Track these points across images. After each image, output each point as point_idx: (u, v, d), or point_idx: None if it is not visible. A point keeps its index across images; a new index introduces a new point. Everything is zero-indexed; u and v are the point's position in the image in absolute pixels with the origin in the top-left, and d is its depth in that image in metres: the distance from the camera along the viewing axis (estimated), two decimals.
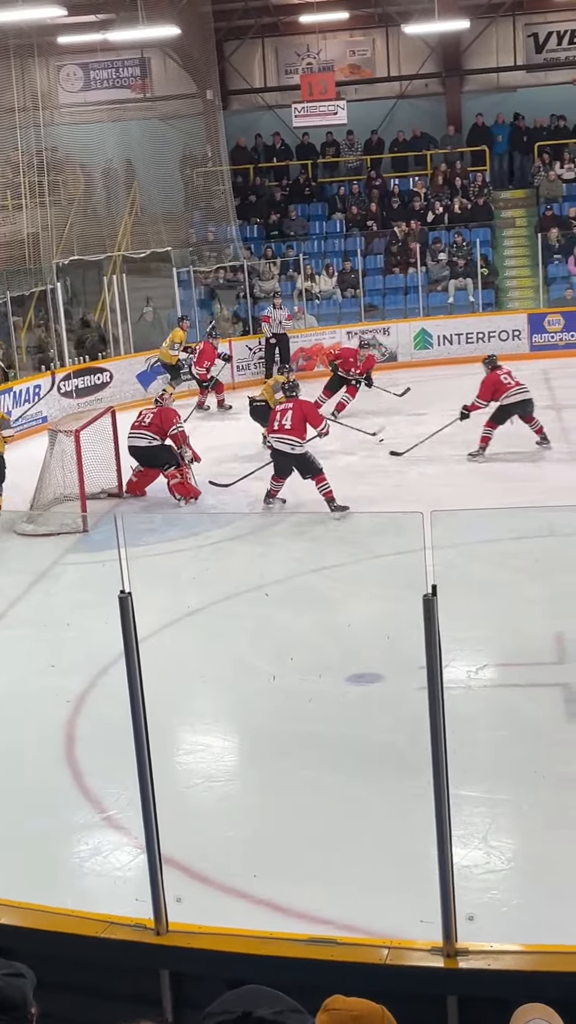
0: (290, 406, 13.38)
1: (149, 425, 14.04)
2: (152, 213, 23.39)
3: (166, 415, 14.14)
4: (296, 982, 4.15)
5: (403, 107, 26.10)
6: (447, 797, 4.18)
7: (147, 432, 14.01)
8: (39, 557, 12.00)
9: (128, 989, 4.40)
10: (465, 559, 10.60)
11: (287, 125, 25.08)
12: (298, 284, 23.47)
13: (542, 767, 7.01)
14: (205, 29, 23.38)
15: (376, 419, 17.01)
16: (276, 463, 13.36)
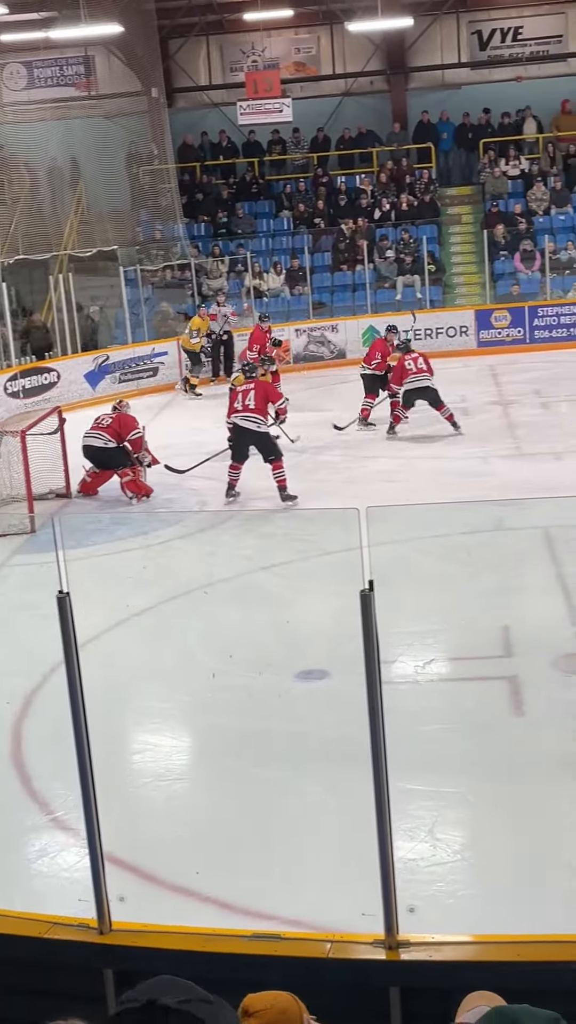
0: (251, 387, 13.55)
1: (107, 428, 14.02)
2: (98, 212, 23.31)
3: (125, 422, 14.12)
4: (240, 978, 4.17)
5: (349, 105, 26.17)
6: (387, 791, 4.20)
7: (104, 433, 13.99)
8: None
9: (72, 988, 4.39)
10: (415, 554, 10.67)
11: (233, 123, 25.07)
12: (246, 282, 23.47)
13: (489, 760, 7.06)
14: (148, 26, 23.30)
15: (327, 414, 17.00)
16: (236, 446, 13.38)
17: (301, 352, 22.47)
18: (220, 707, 8.12)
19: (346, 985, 4.05)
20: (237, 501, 13.40)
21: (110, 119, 23.79)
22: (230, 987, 4.14)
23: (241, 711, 7.92)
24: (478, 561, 10.58)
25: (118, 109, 24.24)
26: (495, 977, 3.78)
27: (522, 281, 23.17)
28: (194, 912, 5.51)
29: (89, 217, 23.22)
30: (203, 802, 7.09)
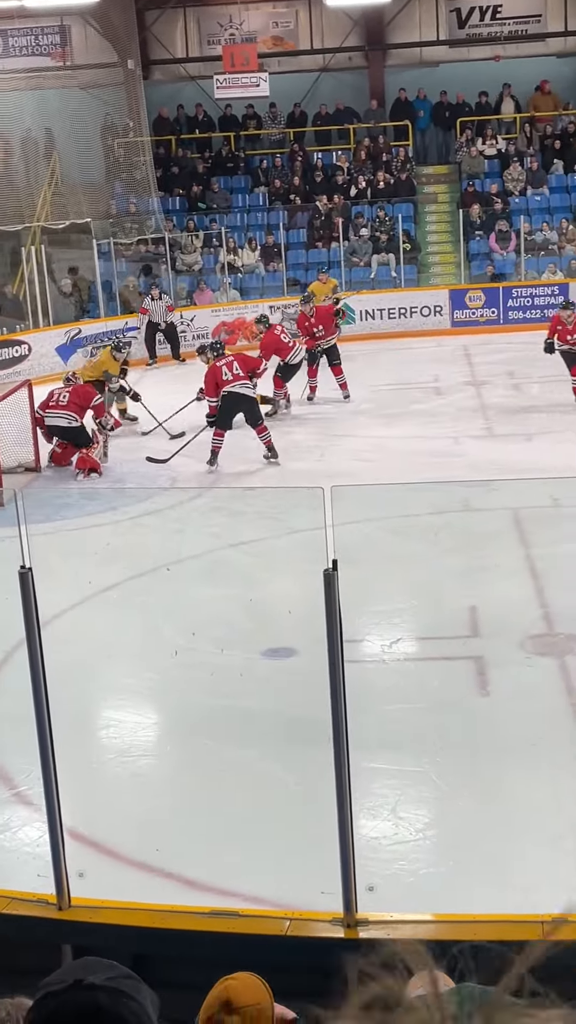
0: (231, 358, 14.08)
1: (68, 404, 13.95)
2: (72, 184, 23.12)
3: (84, 392, 14.09)
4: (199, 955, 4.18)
5: (326, 80, 26.03)
6: (347, 769, 4.21)
7: (67, 412, 13.92)
8: None
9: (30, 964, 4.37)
10: (383, 533, 10.68)
11: (209, 96, 24.91)
12: (220, 258, 23.36)
13: (453, 739, 7.09)
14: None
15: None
16: (226, 415, 13.74)
17: None
18: (185, 685, 8.12)
19: (303, 963, 4.06)
20: (214, 472, 13.47)
21: (85, 90, 23.57)
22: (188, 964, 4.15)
23: (206, 689, 7.92)
24: (445, 541, 10.59)
25: (93, 80, 24.01)
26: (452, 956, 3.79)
27: (497, 262, 23.16)
28: (155, 889, 5.51)
29: (63, 189, 23.03)
30: (167, 779, 7.09)
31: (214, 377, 13.81)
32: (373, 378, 18.15)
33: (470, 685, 7.91)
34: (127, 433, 15.50)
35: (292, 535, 10.76)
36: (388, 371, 18.92)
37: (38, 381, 15.90)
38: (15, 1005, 2.13)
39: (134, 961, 4.08)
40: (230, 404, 13.77)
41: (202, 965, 4.06)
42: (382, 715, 7.11)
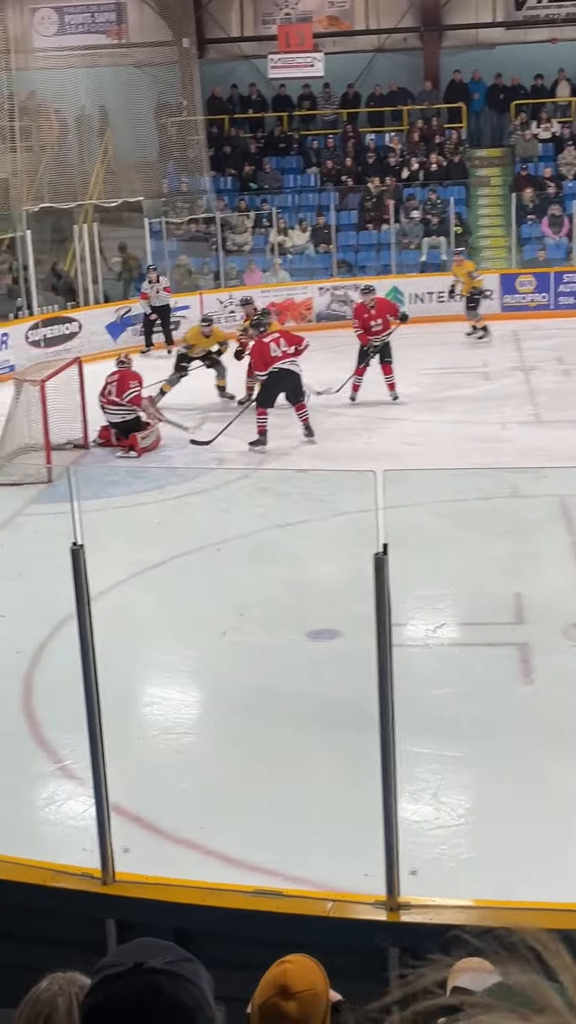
0: (277, 334, 14.16)
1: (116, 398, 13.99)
2: (125, 162, 23.16)
3: (124, 381, 14.11)
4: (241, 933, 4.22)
5: (381, 61, 25.86)
6: (393, 753, 4.22)
7: (116, 407, 13.99)
8: (1, 507, 11.96)
9: (74, 937, 4.44)
10: (430, 518, 10.66)
11: (263, 76, 24.84)
12: (271, 238, 23.32)
13: (496, 726, 7.08)
14: None
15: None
16: (272, 392, 13.90)
17: (323, 311, 22.35)
18: (230, 664, 8.15)
19: (345, 944, 4.08)
20: (263, 451, 13.64)
21: (140, 68, 23.58)
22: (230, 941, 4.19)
23: (251, 669, 7.95)
24: (492, 527, 10.56)
25: (148, 58, 24.01)
26: None
27: (548, 246, 22.97)
28: (197, 866, 5.55)
29: (116, 167, 23.07)
30: (210, 757, 7.14)
31: (262, 353, 13.86)
32: (421, 362, 18.07)
33: (513, 672, 7.89)
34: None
35: (338, 517, 10.78)
36: (436, 355, 18.83)
37: (88, 358, 15.98)
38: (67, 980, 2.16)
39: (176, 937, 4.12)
40: (277, 381, 13.86)
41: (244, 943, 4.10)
42: (425, 699, 7.11)
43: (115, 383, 14.14)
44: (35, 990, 2.16)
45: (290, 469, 12.82)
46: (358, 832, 5.59)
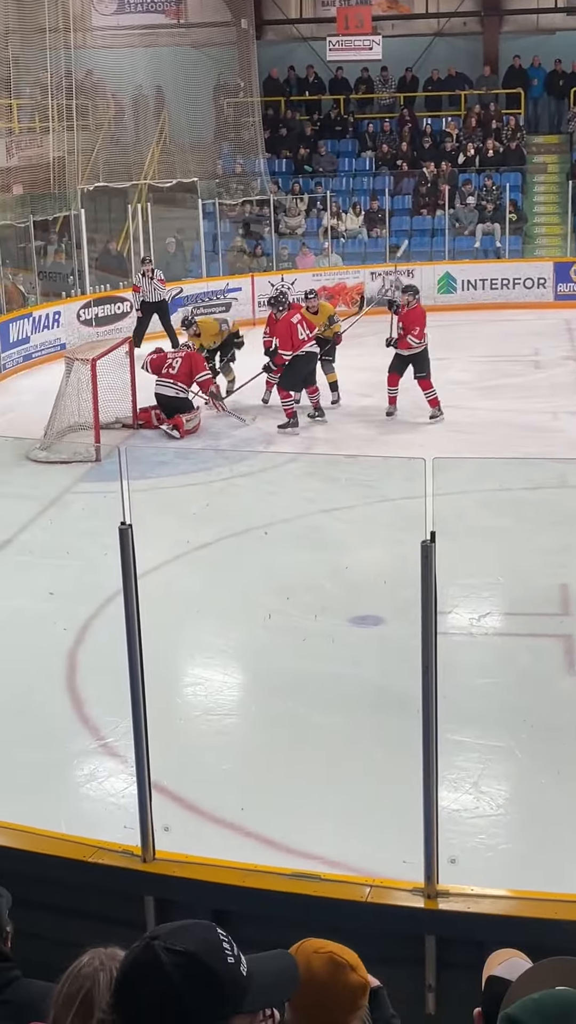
0: (299, 315, 14.36)
1: (178, 374, 14.02)
2: (180, 142, 23.15)
3: (195, 362, 14.13)
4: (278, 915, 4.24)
5: (439, 45, 25.67)
6: (435, 741, 4.21)
7: (176, 382, 14.02)
8: (50, 484, 12.04)
9: (114, 913, 4.48)
10: (477, 507, 10.61)
11: (321, 58, 24.75)
12: (324, 221, 23.25)
13: (538, 717, 7.05)
14: None
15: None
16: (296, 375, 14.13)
17: (375, 296, 22.25)
18: (273, 647, 8.17)
19: (382, 930, 4.09)
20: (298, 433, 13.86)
21: (198, 49, 23.55)
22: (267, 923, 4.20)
23: (293, 652, 7.96)
24: (540, 517, 10.50)
25: (206, 39, 23.97)
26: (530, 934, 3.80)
27: None
28: (236, 847, 5.58)
29: (171, 147, 23.07)
30: (251, 739, 7.16)
31: (290, 332, 13.92)
32: (472, 349, 17.99)
33: (558, 663, 7.86)
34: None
35: (384, 503, 10.76)
36: (488, 343, 18.73)
37: None
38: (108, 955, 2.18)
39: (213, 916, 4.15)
40: (303, 364, 14.00)
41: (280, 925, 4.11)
42: (467, 688, 7.09)
43: (180, 359, 14.14)
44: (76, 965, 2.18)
45: (340, 454, 12.81)
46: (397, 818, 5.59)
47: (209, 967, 1.85)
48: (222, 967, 1.86)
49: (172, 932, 1.90)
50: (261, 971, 1.95)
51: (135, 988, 1.86)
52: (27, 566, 9.76)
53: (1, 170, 20.00)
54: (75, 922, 4.46)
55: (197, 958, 1.84)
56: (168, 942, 1.86)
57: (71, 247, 20.66)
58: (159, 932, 1.90)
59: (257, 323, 20.72)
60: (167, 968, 1.83)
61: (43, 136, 21.22)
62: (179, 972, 1.83)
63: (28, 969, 2.83)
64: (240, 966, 1.90)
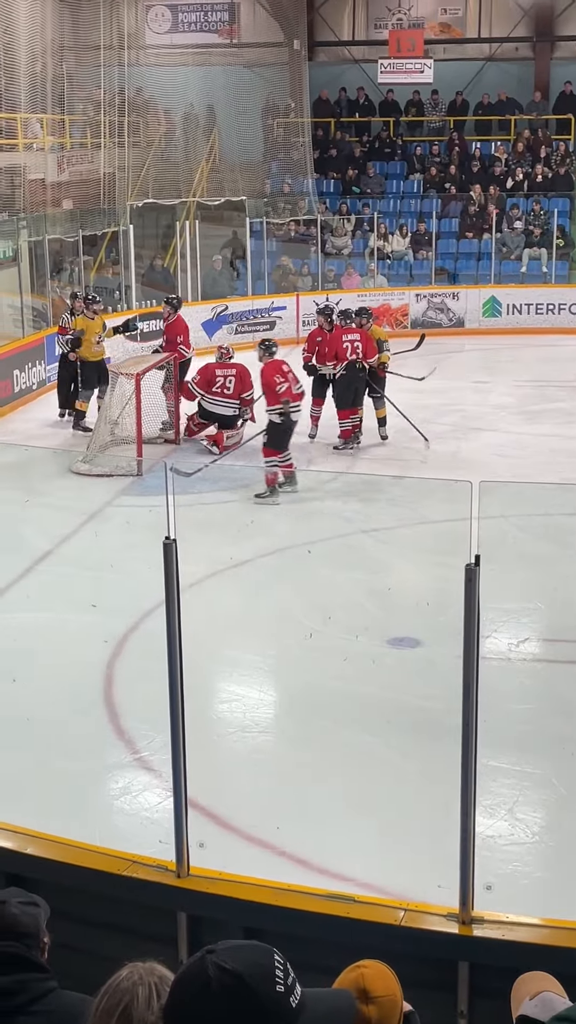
0: (357, 336, 14.21)
1: (233, 394, 13.96)
2: (230, 161, 23.28)
3: (247, 380, 14.01)
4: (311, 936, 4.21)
5: (491, 70, 25.69)
6: (474, 767, 4.18)
7: (232, 401, 13.95)
8: (92, 497, 12.11)
9: (146, 928, 4.47)
10: (519, 531, 10.57)
11: (372, 80, 24.83)
12: (370, 242, 23.29)
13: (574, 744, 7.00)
14: None
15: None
16: (355, 389, 14.08)
17: (419, 318, 22.27)
18: (310, 666, 8.16)
19: (415, 954, 4.06)
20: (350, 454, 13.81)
21: (250, 68, 23.69)
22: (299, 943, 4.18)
23: (330, 672, 7.94)
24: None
25: (258, 59, 24.12)
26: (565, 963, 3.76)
27: None
28: (269, 865, 5.56)
29: (220, 166, 23.21)
30: (286, 758, 7.14)
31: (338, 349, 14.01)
32: (515, 373, 17.96)
33: None
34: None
35: (424, 525, 10.74)
36: (532, 367, 18.70)
37: None
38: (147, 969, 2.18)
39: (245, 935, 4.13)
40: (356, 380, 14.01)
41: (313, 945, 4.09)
42: (504, 713, 7.04)
43: (234, 377, 14.05)
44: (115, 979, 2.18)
45: (381, 475, 12.79)
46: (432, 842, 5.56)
47: (253, 990, 1.84)
48: (267, 993, 1.85)
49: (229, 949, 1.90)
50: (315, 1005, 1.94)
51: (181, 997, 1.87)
52: (68, 577, 9.81)
53: (52, 185, 20.19)
54: (108, 935, 4.46)
55: (243, 980, 1.84)
56: (221, 959, 1.87)
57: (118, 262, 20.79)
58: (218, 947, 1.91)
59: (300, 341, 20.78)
60: (212, 984, 1.83)
61: (94, 152, 21.42)
62: (223, 990, 1.83)
63: (61, 980, 2.83)
64: (291, 996, 1.89)
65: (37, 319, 18.52)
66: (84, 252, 19.98)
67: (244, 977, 1.84)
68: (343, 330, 14.25)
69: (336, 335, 14.20)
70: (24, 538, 11.05)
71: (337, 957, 3.87)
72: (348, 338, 14.08)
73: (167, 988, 2.05)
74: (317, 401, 14.52)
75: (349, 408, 14.04)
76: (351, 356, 13.94)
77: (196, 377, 14.12)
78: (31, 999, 2.61)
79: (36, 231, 18.94)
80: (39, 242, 18.79)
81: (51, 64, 20.22)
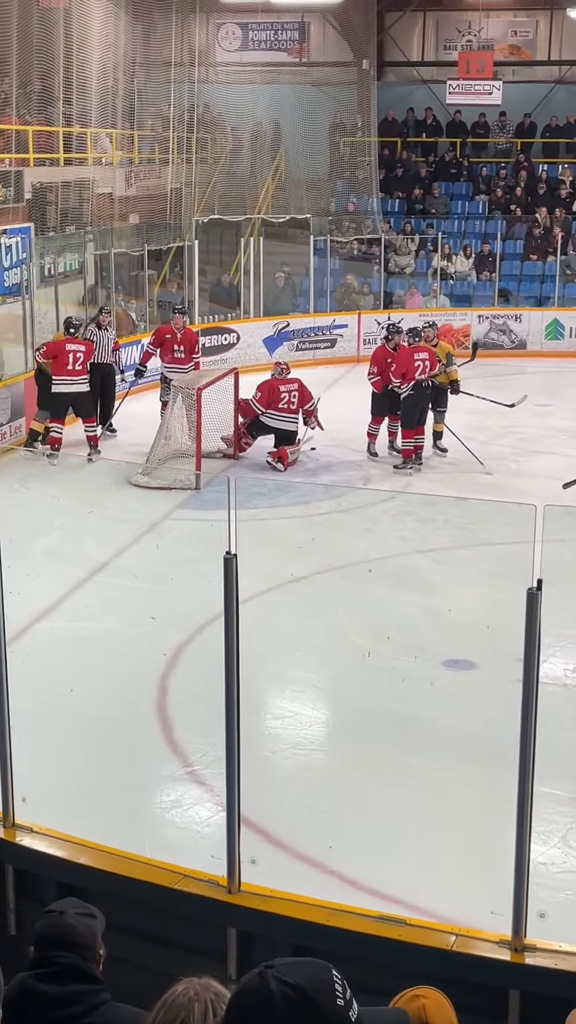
0: (425, 355, 14.18)
1: (296, 408, 14.07)
2: (295, 179, 23.36)
3: (306, 392, 14.15)
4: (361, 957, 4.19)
5: (560, 92, 25.59)
6: (531, 794, 4.15)
7: (295, 416, 14.09)
8: (150, 510, 12.16)
9: (195, 942, 4.47)
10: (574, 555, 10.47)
11: (440, 101, 24.83)
12: (434, 263, 23.26)
13: None
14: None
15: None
16: (423, 406, 14.10)
17: (481, 339, 22.20)
18: (364, 685, 8.13)
19: (466, 981, 4.03)
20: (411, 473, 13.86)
21: (318, 87, 23.78)
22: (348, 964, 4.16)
23: (385, 691, 7.90)
24: None
25: (327, 78, 24.21)
26: None
27: None
28: (319, 884, 5.54)
29: (285, 183, 23.29)
30: (338, 777, 7.12)
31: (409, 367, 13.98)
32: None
33: None
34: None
35: (481, 547, 10.68)
36: None
37: (244, 370, 16.11)
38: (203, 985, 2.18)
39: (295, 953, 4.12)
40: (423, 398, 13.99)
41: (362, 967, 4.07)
42: (559, 740, 6.96)
43: (297, 392, 14.14)
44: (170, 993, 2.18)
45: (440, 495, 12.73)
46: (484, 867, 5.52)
47: (315, 1003, 1.86)
48: (329, 1007, 1.87)
49: (288, 964, 1.91)
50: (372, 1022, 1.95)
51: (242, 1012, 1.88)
52: (126, 589, 9.85)
53: (119, 199, 20.37)
54: (156, 948, 4.47)
55: (306, 993, 1.85)
56: (282, 973, 1.88)
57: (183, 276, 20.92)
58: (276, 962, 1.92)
59: (361, 360, 20.78)
60: (275, 997, 1.84)
61: (162, 167, 21.60)
62: (286, 1004, 1.84)
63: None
64: (350, 1011, 1.90)
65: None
66: (148, 266, 20.11)
67: (306, 990, 1.86)
68: (413, 348, 14.20)
69: (407, 353, 14.17)
70: (83, 549, 11.13)
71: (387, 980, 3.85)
72: (419, 357, 14.05)
73: (222, 1006, 2.05)
74: (377, 419, 14.55)
75: (413, 428, 14.03)
76: (420, 376, 13.92)
77: (257, 395, 14.14)
78: (85, 1011, 2.62)
79: (102, 244, 19.12)
80: (105, 255, 18.97)
81: (122, 80, 20.43)
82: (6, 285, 16.00)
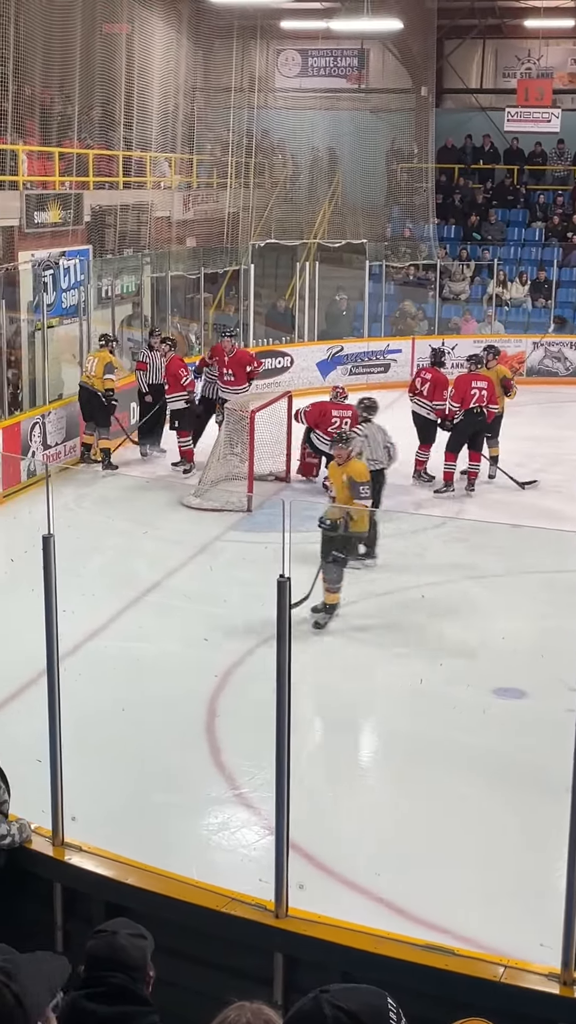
0: (484, 384, 14.15)
1: None
2: (352, 204, 23.44)
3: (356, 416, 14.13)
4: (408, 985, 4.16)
5: None
6: None
7: None
8: (202, 531, 12.20)
9: (242, 966, 4.46)
10: None
11: (498, 128, 24.82)
12: (489, 289, 23.22)
13: None
14: (428, 25, 23.32)
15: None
16: (468, 433, 14.09)
17: (536, 366, 22.12)
18: (414, 711, 8.09)
19: (514, 1013, 3.99)
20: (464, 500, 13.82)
21: (376, 114, 23.88)
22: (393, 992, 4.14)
23: (435, 718, 7.86)
24: None
25: (385, 104, 24.30)
26: None
27: None
28: (366, 911, 5.51)
29: (342, 208, 23.38)
30: (385, 802, 7.09)
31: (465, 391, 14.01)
32: None
33: None
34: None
35: (532, 575, 10.61)
36: None
37: (297, 394, 16.14)
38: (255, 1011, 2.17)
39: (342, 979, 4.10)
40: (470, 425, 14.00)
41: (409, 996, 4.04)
42: None
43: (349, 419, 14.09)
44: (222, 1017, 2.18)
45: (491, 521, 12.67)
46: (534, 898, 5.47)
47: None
48: None
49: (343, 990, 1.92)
50: None
51: None
52: (176, 610, 9.89)
53: (177, 223, 20.53)
54: (202, 970, 4.46)
55: (359, 1019, 1.85)
56: (336, 998, 1.88)
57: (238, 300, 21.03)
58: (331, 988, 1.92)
59: None
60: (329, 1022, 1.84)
61: (220, 191, 21.75)
62: None
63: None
64: None
65: None
66: (204, 289, 20.24)
67: (360, 1016, 1.86)
68: (472, 376, 14.18)
69: (465, 380, 14.16)
70: (136, 569, 11.19)
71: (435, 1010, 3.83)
72: (477, 385, 14.02)
73: None
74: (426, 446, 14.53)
75: (455, 452, 14.06)
76: (474, 404, 13.89)
77: (307, 408, 14.14)
78: None
79: (159, 267, 19.28)
80: (162, 278, 19.12)
81: (182, 105, 20.64)
82: (64, 306, 16.17)
